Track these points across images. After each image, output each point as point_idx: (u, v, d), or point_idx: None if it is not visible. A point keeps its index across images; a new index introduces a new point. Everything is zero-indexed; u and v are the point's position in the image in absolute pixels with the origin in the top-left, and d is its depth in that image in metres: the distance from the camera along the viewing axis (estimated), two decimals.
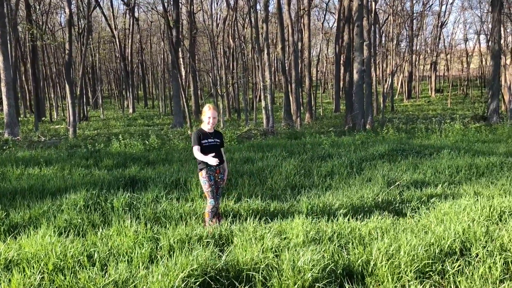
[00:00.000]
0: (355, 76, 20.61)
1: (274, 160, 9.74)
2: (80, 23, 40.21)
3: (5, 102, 19.59)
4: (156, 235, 4.99)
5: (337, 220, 5.79)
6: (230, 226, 5.27)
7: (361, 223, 5.71)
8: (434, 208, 6.25)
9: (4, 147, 12.68)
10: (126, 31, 52.18)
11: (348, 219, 5.85)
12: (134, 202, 6.38)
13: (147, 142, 12.52)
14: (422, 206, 6.49)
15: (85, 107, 40.41)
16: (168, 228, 5.26)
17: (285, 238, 4.94)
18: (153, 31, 59.75)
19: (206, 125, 5.55)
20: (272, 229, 5.16)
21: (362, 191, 7.23)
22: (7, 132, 19.63)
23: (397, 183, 7.52)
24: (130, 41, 50.48)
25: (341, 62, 43.01)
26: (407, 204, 6.56)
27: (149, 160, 10.34)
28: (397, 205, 6.56)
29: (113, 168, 9.60)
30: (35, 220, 5.73)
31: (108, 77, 72.54)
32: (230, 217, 5.87)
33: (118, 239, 4.92)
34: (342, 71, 48.34)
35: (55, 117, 40.12)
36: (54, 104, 42.99)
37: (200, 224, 5.58)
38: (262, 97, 20.63)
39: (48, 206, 6.15)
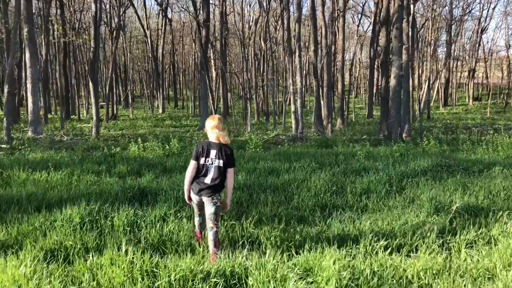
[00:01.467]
0: (392, 81, 19.33)
1: (302, 173, 8.72)
2: (113, 22, 40.29)
3: (30, 100, 19.30)
4: (154, 269, 4.09)
5: (376, 254, 4.76)
6: (244, 261, 4.32)
7: (406, 260, 4.66)
8: (496, 245, 5.12)
9: (21, 147, 12.16)
10: (158, 31, 52.18)
11: (390, 252, 4.82)
12: (138, 221, 5.52)
13: (167, 147, 11.71)
14: (480, 240, 5.37)
15: (114, 106, 40.37)
16: (171, 259, 4.36)
17: (312, 282, 3.94)
18: (186, 32, 59.66)
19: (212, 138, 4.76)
20: (296, 267, 4.18)
21: (404, 216, 6.15)
22: (30, 130, 19.33)
23: (452, 208, 6.37)
24: (162, 41, 50.43)
25: (375, 66, 41.55)
26: (461, 237, 5.44)
27: (166, 167, 9.51)
28: (449, 237, 5.45)
29: (126, 175, 8.81)
30: (23, 239, 4.94)
31: (140, 76, 72.99)
32: (247, 245, 4.93)
33: (110, 270, 4.06)
34: (376, 76, 46.84)
35: (85, 116, 40.24)
36: (84, 103, 43.20)
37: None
38: (291, 100, 19.63)
39: (41, 222, 5.36)
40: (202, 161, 4.66)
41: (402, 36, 19.43)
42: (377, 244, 4.99)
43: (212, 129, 4.72)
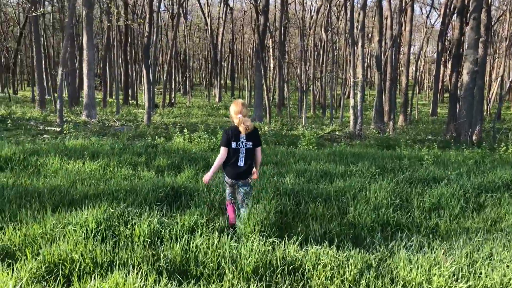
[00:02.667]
0: (465, 77, 17.44)
1: (360, 179, 7.58)
2: (174, 9, 40.37)
3: (85, 83, 19.31)
4: None
5: None
6: None
7: None
8: None
9: (68, 131, 11.88)
10: (219, 19, 51.95)
11: None
12: (163, 231, 4.69)
13: (214, 139, 10.90)
14: None
15: (172, 93, 40.54)
16: None
17: None
18: (247, 21, 59.14)
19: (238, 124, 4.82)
20: None
21: (488, 246, 4.92)
22: (85, 113, 19.37)
23: None
24: (222, 29, 50.12)
25: (442, 61, 38.74)
26: None
27: (209, 162, 8.71)
28: None
29: (165, 169, 8.10)
30: (25, 246, 4.27)
31: (200, 64, 73.51)
32: (288, 276, 3.96)
33: None
34: (441, 71, 43.79)
35: (143, 101, 40.72)
36: (144, 88, 43.79)
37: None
38: (351, 94, 18.30)
39: (52, 225, 4.67)
40: (233, 145, 4.81)
41: (479, 28, 17.45)
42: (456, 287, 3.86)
43: (236, 114, 4.80)
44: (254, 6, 23.13)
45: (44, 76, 33.60)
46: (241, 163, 4.83)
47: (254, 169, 5.07)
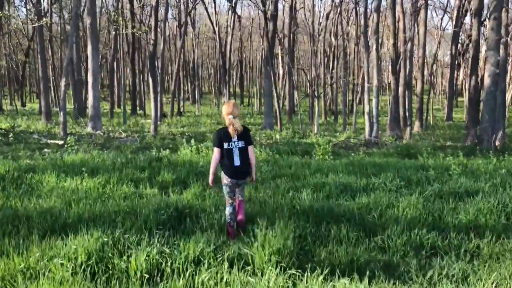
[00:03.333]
0: (486, 80, 16.62)
1: (384, 194, 6.84)
2: (182, 17, 39.98)
3: (90, 94, 18.83)
4: None
5: None
6: None
7: None
8: None
9: (70, 145, 11.32)
10: (227, 28, 51.65)
11: None
12: (163, 263, 4.02)
13: None
14: None
15: (181, 102, 40.07)
16: None
17: None
18: (255, 29, 58.85)
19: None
20: None
21: None
22: (90, 125, 18.87)
23: None
24: (230, 38, 49.73)
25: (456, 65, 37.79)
26: None
27: (218, 177, 8.02)
28: None
29: (170, 186, 7.44)
30: (3, 286, 3.62)
31: (209, 73, 73.25)
32: None
33: None
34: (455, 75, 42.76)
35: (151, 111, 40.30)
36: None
37: None
38: (365, 100, 17.56)
39: (37, 257, 4.02)
40: (226, 146, 4.86)
41: (500, 28, 16.65)
42: None
43: (227, 115, 4.85)
44: (262, 12, 22.58)
45: (51, 88, 33.39)
46: (237, 162, 4.87)
47: (251, 171, 5.11)
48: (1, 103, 33.81)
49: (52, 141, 14.10)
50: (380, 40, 38.26)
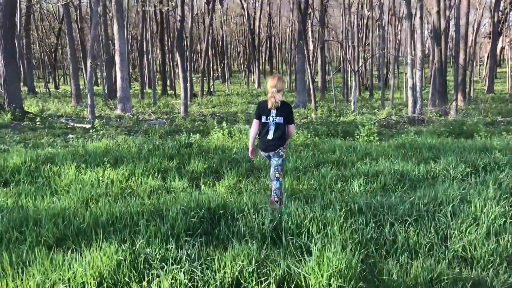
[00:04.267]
0: None
1: (450, 185, 5.79)
2: None
3: (118, 75, 18.21)
4: None
5: None
6: None
7: None
8: None
9: (92, 130, 10.67)
10: (256, 3, 50.20)
11: None
12: (196, 285, 3.18)
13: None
14: None
15: (210, 81, 39.28)
16: None
17: None
18: (283, 3, 57.17)
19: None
20: None
21: None
22: (119, 107, 18.30)
23: None
24: (259, 14, 48.31)
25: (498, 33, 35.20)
26: None
27: (253, 165, 7.16)
28: None
29: (200, 176, 6.63)
30: None
31: (238, 51, 72.09)
32: None
33: None
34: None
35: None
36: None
37: None
38: (408, 74, 16.17)
39: (37, 282, 3.25)
40: (263, 119, 4.88)
41: None
42: None
43: (271, 88, 4.77)
44: None
45: (82, 69, 33.13)
46: (270, 136, 4.86)
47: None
48: (34, 86, 33.80)
49: (79, 125, 13.54)
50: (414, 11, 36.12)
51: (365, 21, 41.73)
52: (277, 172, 4.90)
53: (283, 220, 4.41)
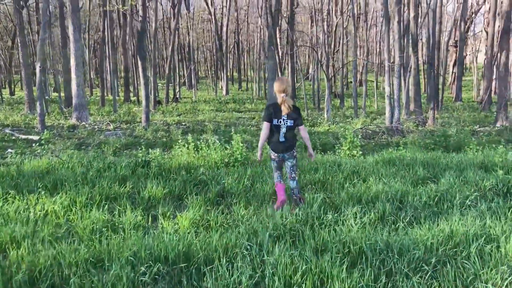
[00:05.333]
0: None
1: (462, 216, 4.81)
2: None
3: (73, 81, 16.69)
4: None
5: None
6: None
7: None
8: None
9: (34, 144, 9.24)
10: (223, 8, 49.27)
11: None
12: None
13: (227, 149, 8.09)
14: None
15: (176, 88, 37.82)
16: None
17: None
18: (251, 11, 56.63)
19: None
20: None
21: None
22: (74, 116, 16.75)
23: None
24: (226, 19, 47.33)
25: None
26: None
27: (224, 189, 5.99)
28: None
29: (159, 204, 5.41)
30: None
31: (205, 56, 70.78)
32: None
33: None
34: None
35: None
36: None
37: None
38: (386, 81, 15.43)
39: None
40: (274, 122, 4.96)
41: None
42: None
43: (280, 93, 4.91)
44: None
45: (36, 75, 31.08)
46: (282, 138, 4.97)
47: (309, 152, 5.38)
48: None
49: (25, 137, 12.03)
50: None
51: (334, 29, 41.38)
52: (293, 173, 5.14)
53: (266, 275, 3.28)
